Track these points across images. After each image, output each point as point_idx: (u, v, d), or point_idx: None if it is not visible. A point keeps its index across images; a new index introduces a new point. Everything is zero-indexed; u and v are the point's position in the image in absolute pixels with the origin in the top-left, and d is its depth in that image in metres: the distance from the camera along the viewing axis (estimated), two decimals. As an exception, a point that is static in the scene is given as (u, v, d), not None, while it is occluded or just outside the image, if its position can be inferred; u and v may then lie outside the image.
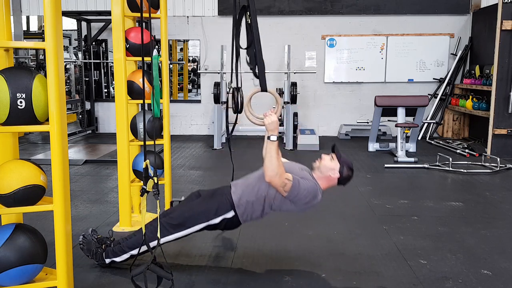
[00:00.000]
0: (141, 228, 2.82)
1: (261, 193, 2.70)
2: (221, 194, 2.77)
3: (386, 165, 6.13)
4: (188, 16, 8.94)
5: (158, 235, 2.55)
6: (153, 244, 2.64)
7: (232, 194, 2.73)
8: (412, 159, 6.30)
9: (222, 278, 2.83)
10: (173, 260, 3.02)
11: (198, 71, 9.07)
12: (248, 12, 2.65)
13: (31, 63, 9.32)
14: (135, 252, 2.76)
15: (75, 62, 9.00)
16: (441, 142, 7.94)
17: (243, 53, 2.80)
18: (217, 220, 2.73)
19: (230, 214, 2.72)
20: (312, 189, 2.66)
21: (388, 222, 3.89)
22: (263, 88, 2.72)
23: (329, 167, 2.76)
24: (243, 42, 2.76)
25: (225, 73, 7.83)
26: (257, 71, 2.80)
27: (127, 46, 3.56)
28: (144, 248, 2.67)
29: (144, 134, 2.64)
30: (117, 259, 2.84)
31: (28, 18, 9.64)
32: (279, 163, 2.56)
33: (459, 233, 3.63)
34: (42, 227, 2.54)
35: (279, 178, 2.56)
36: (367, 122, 7.86)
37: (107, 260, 2.87)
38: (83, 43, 9.02)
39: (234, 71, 2.79)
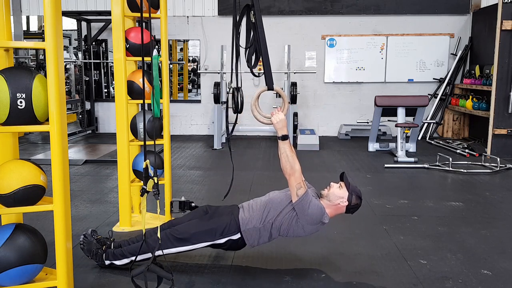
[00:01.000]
0: (145, 234, 2.83)
1: (269, 220, 2.71)
2: (229, 214, 2.78)
3: (386, 165, 6.13)
4: (188, 16, 8.94)
5: (158, 235, 2.55)
6: (156, 253, 2.63)
7: (239, 217, 2.74)
8: (412, 159, 6.30)
9: (222, 278, 2.83)
10: (173, 260, 3.02)
11: (198, 71, 9.07)
12: (252, 11, 2.64)
13: (31, 63, 9.31)
14: (136, 258, 2.76)
15: (75, 62, 9.00)
16: (441, 142, 7.94)
17: (243, 52, 2.80)
18: (222, 241, 2.74)
19: (236, 236, 2.73)
20: (320, 209, 2.66)
21: (388, 222, 3.89)
22: (270, 87, 2.72)
23: (338, 195, 2.74)
24: (243, 42, 2.76)
25: (225, 73, 7.83)
26: (255, 71, 2.80)
27: (127, 46, 3.56)
28: (144, 256, 2.68)
29: (144, 134, 2.64)
30: (117, 263, 2.84)
31: (28, 18, 9.64)
32: (295, 161, 2.59)
33: (459, 233, 3.63)
34: (42, 227, 2.54)
35: (298, 175, 2.58)
36: (367, 122, 7.86)
37: (107, 262, 2.87)
38: (83, 43, 9.02)
39: (234, 71, 2.79)
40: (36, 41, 5.78)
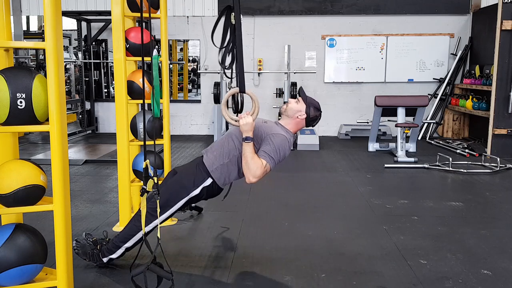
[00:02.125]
0: (130, 220, 2.84)
1: (233, 153, 2.70)
2: (195, 165, 2.78)
3: (386, 165, 6.13)
4: (188, 16, 8.94)
5: (158, 235, 2.55)
6: (141, 233, 2.64)
7: (204, 162, 2.74)
8: (412, 159, 6.30)
9: (222, 278, 2.83)
10: (173, 260, 3.02)
11: (198, 71, 9.07)
12: (233, 13, 2.65)
13: (31, 63, 9.32)
14: (128, 244, 2.78)
15: (75, 62, 9.00)
16: (441, 142, 7.94)
17: (243, 52, 2.80)
18: (197, 191, 2.73)
19: (208, 181, 2.72)
20: (284, 143, 2.65)
21: (388, 222, 3.89)
22: (241, 89, 2.72)
23: (295, 109, 2.77)
24: (218, 41, 2.77)
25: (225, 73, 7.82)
26: (231, 71, 2.81)
27: (127, 46, 3.56)
28: (136, 239, 2.71)
29: (144, 134, 2.63)
30: (114, 256, 2.85)
31: (28, 18, 9.65)
32: (256, 165, 2.54)
33: (459, 233, 3.63)
34: (42, 227, 2.54)
35: (260, 176, 2.57)
36: (367, 122, 7.86)
37: (105, 259, 2.87)
38: (83, 43, 9.02)
39: (234, 71, 2.79)
40: (36, 41, 5.78)
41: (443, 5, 8.60)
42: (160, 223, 2.75)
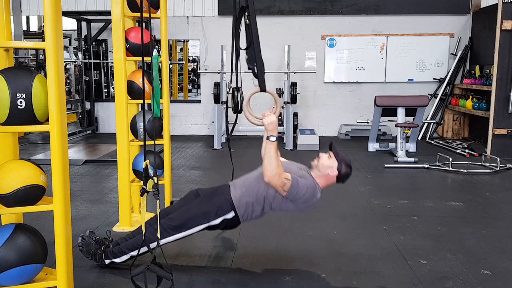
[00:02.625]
0: (140, 228, 2.82)
1: (261, 193, 2.70)
2: (221, 194, 2.76)
3: (386, 165, 6.13)
4: (188, 16, 8.94)
5: (158, 235, 2.55)
6: (153, 245, 2.64)
7: (231, 195, 2.73)
8: (412, 159, 6.30)
9: (222, 278, 2.83)
10: (173, 260, 3.02)
11: (198, 71, 9.07)
12: (246, 13, 2.65)
13: (31, 63, 9.31)
14: (135, 253, 2.76)
15: (75, 62, 9.00)
16: (441, 142, 7.94)
17: (243, 53, 2.80)
18: (217, 221, 2.73)
19: (230, 214, 2.72)
20: (311, 188, 2.66)
21: (388, 222, 3.89)
22: (262, 88, 2.72)
23: (327, 165, 2.76)
24: (243, 42, 2.76)
25: (225, 73, 7.83)
26: (256, 71, 2.80)
27: (127, 46, 3.56)
28: (144, 249, 2.67)
29: (144, 134, 2.64)
30: (117, 260, 2.84)
31: (28, 18, 9.64)
32: (278, 163, 2.56)
33: (459, 233, 3.63)
34: (42, 227, 2.53)
35: (278, 178, 2.56)
36: (367, 122, 7.86)
37: (107, 261, 2.87)
38: (83, 43, 9.02)
39: (234, 71, 2.79)
40: (36, 41, 5.78)
41: (443, 5, 8.59)
42: (172, 241, 2.76)
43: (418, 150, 7.14)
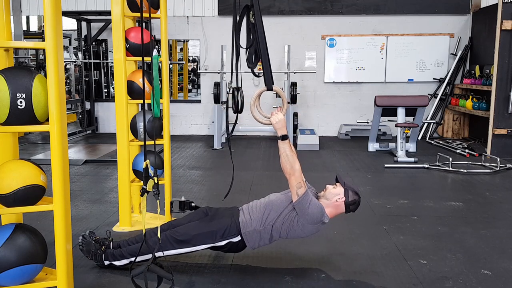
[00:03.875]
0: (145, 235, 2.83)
1: (269, 222, 2.71)
2: (229, 217, 2.78)
3: (386, 165, 6.13)
4: (188, 16, 8.94)
5: (159, 235, 2.55)
6: (156, 254, 2.63)
7: (240, 220, 2.75)
8: (412, 159, 6.30)
9: (222, 278, 2.83)
10: (173, 260, 3.02)
11: (198, 71, 9.07)
12: (252, 12, 2.64)
13: (31, 63, 9.31)
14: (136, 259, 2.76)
15: (75, 62, 8.99)
16: (441, 142, 7.94)
17: (243, 52, 2.80)
18: (222, 243, 2.74)
19: (237, 238, 2.74)
20: (319, 207, 2.66)
21: (388, 222, 3.89)
22: (269, 87, 2.72)
23: (333, 193, 2.76)
24: (243, 41, 2.76)
25: (225, 73, 7.83)
26: (256, 70, 2.80)
27: (127, 46, 3.56)
28: (143, 257, 2.68)
29: (144, 134, 2.64)
30: (116, 263, 2.84)
31: (28, 18, 9.64)
32: (295, 160, 2.60)
33: (459, 233, 3.63)
34: (42, 227, 2.53)
35: (298, 175, 2.59)
36: (367, 122, 7.86)
37: (106, 262, 2.87)
38: (83, 43, 9.02)
39: (234, 71, 2.79)
40: (36, 41, 5.77)
41: (443, 5, 8.59)
42: (174, 255, 2.78)
43: (418, 150, 7.14)
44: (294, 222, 2.69)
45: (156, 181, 2.51)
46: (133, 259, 2.74)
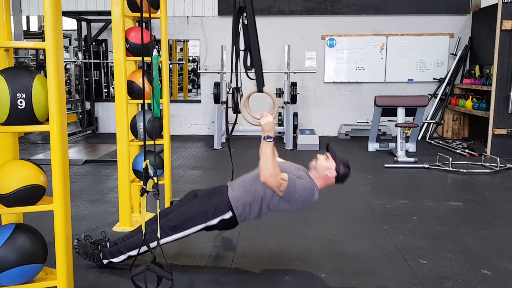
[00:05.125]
0: (138, 228, 2.83)
1: (259, 194, 2.70)
2: (219, 195, 2.77)
3: (386, 165, 6.13)
4: (188, 16, 8.94)
5: (158, 235, 2.55)
6: (152, 245, 2.64)
7: (229, 195, 2.73)
8: (412, 159, 6.30)
9: (222, 278, 2.83)
10: (173, 260, 3.02)
11: (198, 71, 9.07)
12: (245, 13, 2.64)
13: (31, 63, 9.31)
14: (133, 253, 2.76)
15: (75, 62, 9.00)
16: (441, 142, 7.94)
17: (242, 53, 2.80)
18: (215, 221, 2.73)
19: (228, 215, 2.72)
20: (309, 188, 2.65)
21: (388, 222, 3.89)
22: (259, 89, 2.72)
23: (325, 166, 2.74)
24: (243, 42, 2.76)
25: (225, 73, 7.83)
26: (250, 73, 2.80)
27: (127, 46, 3.56)
28: (142, 249, 2.67)
29: (144, 134, 2.64)
30: (115, 260, 2.84)
31: (28, 18, 9.64)
32: (274, 164, 2.57)
33: (459, 233, 3.63)
34: (42, 227, 2.54)
35: (274, 179, 2.56)
36: (367, 122, 7.86)
37: (105, 261, 2.87)
38: (83, 43, 9.02)
39: (234, 71, 2.79)
40: (36, 41, 5.78)
41: (443, 5, 8.60)
42: (171, 241, 2.76)
43: (418, 150, 7.14)
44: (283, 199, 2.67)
45: (156, 181, 2.51)
46: (131, 253, 2.75)
